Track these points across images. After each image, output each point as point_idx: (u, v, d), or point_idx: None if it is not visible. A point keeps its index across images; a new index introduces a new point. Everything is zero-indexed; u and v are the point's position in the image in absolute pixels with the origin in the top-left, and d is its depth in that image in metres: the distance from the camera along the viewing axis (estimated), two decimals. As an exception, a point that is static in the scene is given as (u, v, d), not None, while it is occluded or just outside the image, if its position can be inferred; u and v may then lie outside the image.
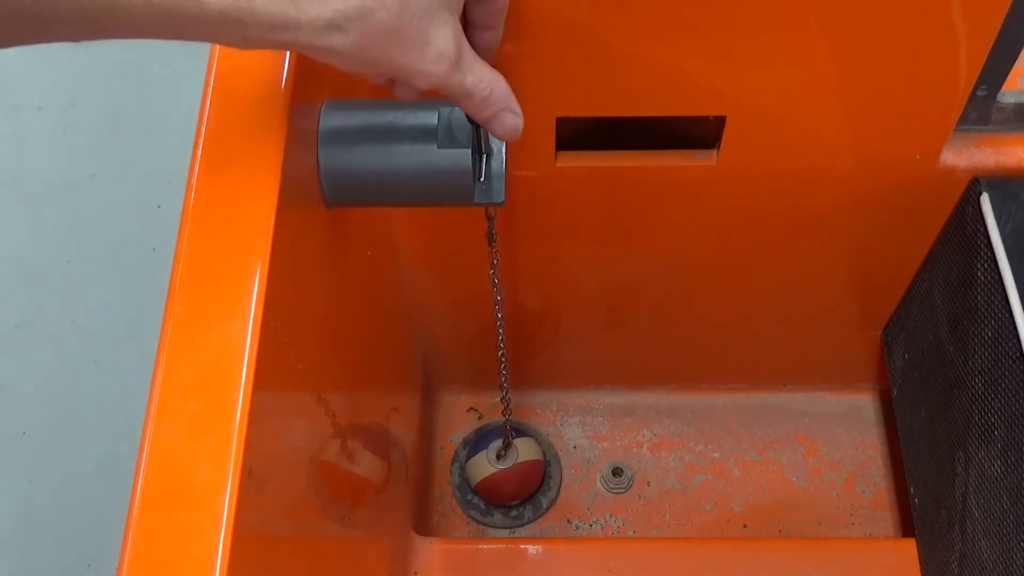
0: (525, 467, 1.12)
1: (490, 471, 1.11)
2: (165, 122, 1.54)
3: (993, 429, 0.83)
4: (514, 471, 1.11)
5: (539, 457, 1.14)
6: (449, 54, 0.48)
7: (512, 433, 1.10)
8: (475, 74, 0.50)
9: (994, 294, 0.82)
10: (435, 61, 0.48)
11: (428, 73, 0.48)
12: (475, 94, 0.51)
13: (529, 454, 1.13)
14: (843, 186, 0.87)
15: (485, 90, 0.51)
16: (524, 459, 1.12)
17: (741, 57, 0.74)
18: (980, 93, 0.79)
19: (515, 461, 1.11)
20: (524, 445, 1.13)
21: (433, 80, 0.49)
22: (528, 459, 1.12)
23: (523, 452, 1.12)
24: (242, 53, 0.48)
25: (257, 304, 0.51)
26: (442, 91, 0.50)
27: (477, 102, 0.52)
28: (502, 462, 1.11)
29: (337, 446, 0.72)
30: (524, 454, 1.12)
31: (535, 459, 1.13)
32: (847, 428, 1.21)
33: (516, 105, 0.54)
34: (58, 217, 1.48)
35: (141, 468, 0.47)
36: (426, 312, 1.09)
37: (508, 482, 1.12)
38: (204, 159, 0.55)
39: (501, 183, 0.62)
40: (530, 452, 1.13)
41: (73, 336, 1.39)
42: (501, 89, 0.52)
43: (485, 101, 0.52)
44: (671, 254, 0.99)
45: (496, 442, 1.11)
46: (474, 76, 0.50)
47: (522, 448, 1.12)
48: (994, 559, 0.82)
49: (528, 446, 1.13)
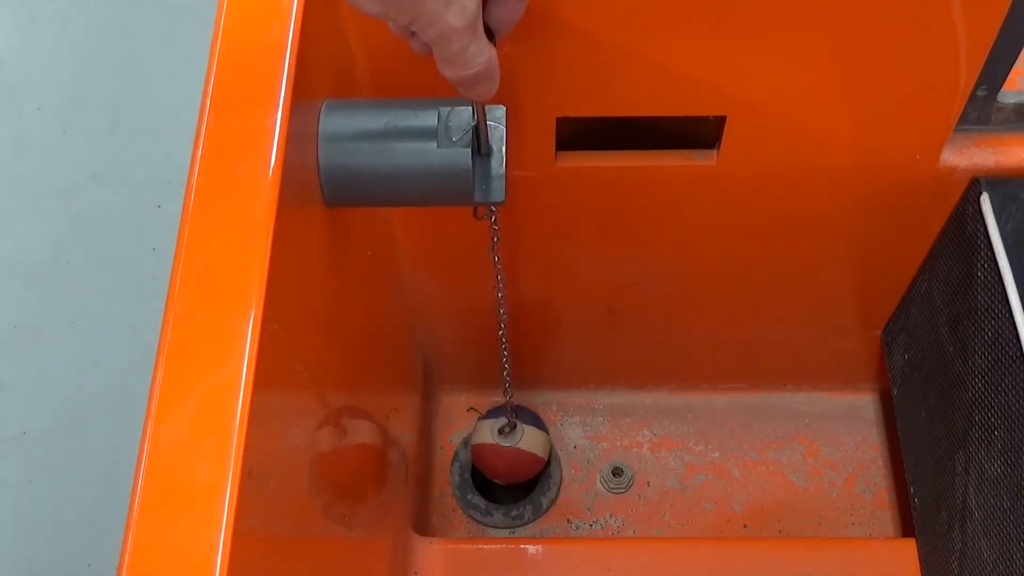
0: (521, 455, 1.11)
1: (488, 441, 1.10)
2: (165, 122, 1.54)
3: (993, 429, 0.83)
4: (509, 453, 1.10)
5: (541, 454, 1.13)
6: (470, 12, 0.49)
7: (516, 417, 1.09)
8: (478, 45, 0.52)
9: (994, 294, 0.82)
10: (457, 15, 0.49)
11: (448, 24, 0.49)
12: (471, 60, 0.52)
13: (533, 446, 1.12)
14: (843, 186, 0.87)
15: (478, 62, 0.52)
16: (525, 447, 1.11)
17: (741, 57, 0.74)
18: (980, 93, 0.79)
19: (515, 444, 1.10)
20: (532, 435, 1.11)
21: (446, 33, 0.50)
22: (528, 450, 1.12)
23: (527, 440, 1.11)
24: (242, 53, 0.48)
25: (257, 304, 0.51)
26: (443, 48, 0.51)
27: (467, 67, 0.52)
28: (503, 438, 1.10)
29: (337, 446, 0.72)
30: (527, 442, 1.11)
31: (535, 453, 1.13)
32: (847, 428, 1.21)
33: (497, 75, 0.55)
34: (58, 217, 1.48)
35: (141, 468, 0.47)
36: (426, 312, 1.09)
37: (500, 459, 1.11)
38: (204, 159, 0.55)
39: (501, 183, 0.62)
40: (535, 445, 1.12)
41: (73, 336, 1.39)
42: (494, 64, 0.54)
43: (477, 70, 0.53)
44: (671, 254, 0.99)
45: (503, 418, 1.11)
46: (477, 46, 0.51)
47: (528, 436, 1.11)
48: (994, 559, 0.82)
49: (535, 438, 1.12)
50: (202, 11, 1.05)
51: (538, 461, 1.14)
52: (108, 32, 1.65)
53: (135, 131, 1.56)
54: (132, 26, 1.65)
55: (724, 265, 1.00)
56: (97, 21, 1.66)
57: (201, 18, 1.39)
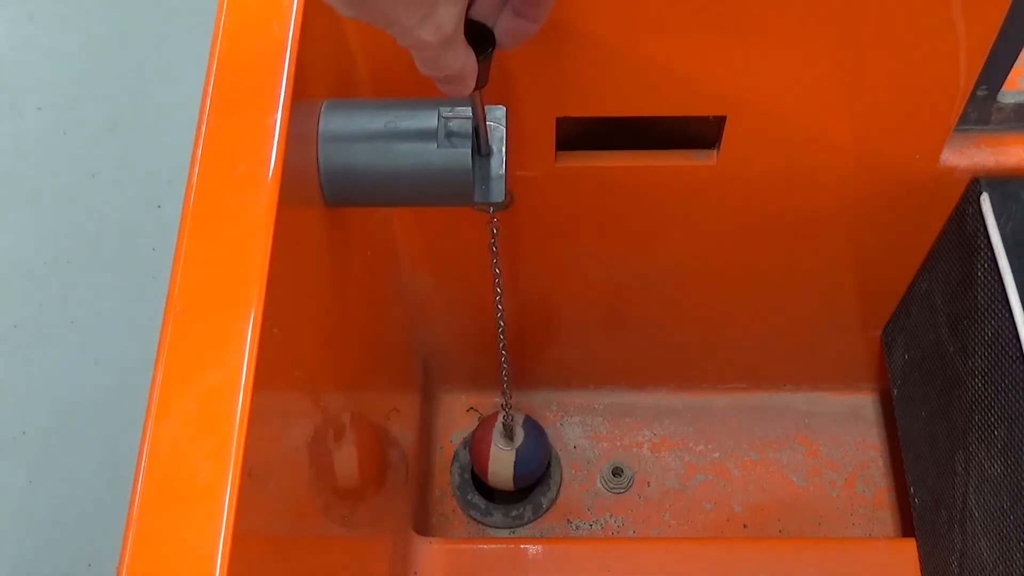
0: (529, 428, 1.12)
1: (512, 456, 1.10)
2: (165, 122, 1.54)
3: (993, 429, 0.83)
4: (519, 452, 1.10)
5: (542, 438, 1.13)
6: (445, 31, 0.48)
7: (512, 418, 1.09)
8: (455, 52, 0.51)
9: (994, 294, 0.82)
10: (431, 32, 0.48)
11: (419, 39, 0.48)
12: (443, 67, 0.51)
13: (520, 417, 1.12)
14: (843, 186, 0.87)
15: (452, 68, 0.52)
16: (528, 437, 1.11)
17: (741, 57, 0.74)
18: (980, 93, 0.79)
19: (520, 441, 1.10)
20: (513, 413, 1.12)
21: (419, 45, 0.49)
22: (523, 421, 1.11)
23: (517, 419, 1.11)
24: (242, 53, 0.48)
25: (257, 304, 0.51)
26: (416, 53, 0.51)
27: (438, 74, 0.52)
28: (515, 440, 1.09)
29: (337, 446, 0.72)
30: (527, 433, 1.11)
31: (524, 416, 1.12)
32: (847, 428, 1.20)
33: (472, 80, 0.54)
34: (58, 217, 1.48)
35: (141, 468, 0.47)
36: (426, 312, 1.09)
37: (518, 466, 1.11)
38: (204, 159, 0.55)
39: (501, 183, 0.62)
40: (518, 415, 1.12)
41: (73, 336, 1.39)
42: (468, 75, 0.53)
43: (448, 74, 0.52)
44: (671, 254, 0.99)
45: (498, 424, 1.10)
46: (453, 54, 0.51)
47: (514, 416, 1.11)
48: (994, 559, 0.82)
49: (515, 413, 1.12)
50: (202, 11, 1.05)
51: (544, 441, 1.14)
52: (108, 32, 1.65)
53: (135, 131, 1.56)
54: (132, 26, 1.65)
55: (724, 265, 1.00)
56: (97, 21, 1.66)
57: (201, 18, 1.39)
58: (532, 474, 1.13)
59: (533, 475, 1.13)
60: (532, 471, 1.12)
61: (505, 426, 1.09)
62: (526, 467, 1.11)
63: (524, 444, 1.09)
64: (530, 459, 1.11)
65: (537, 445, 1.12)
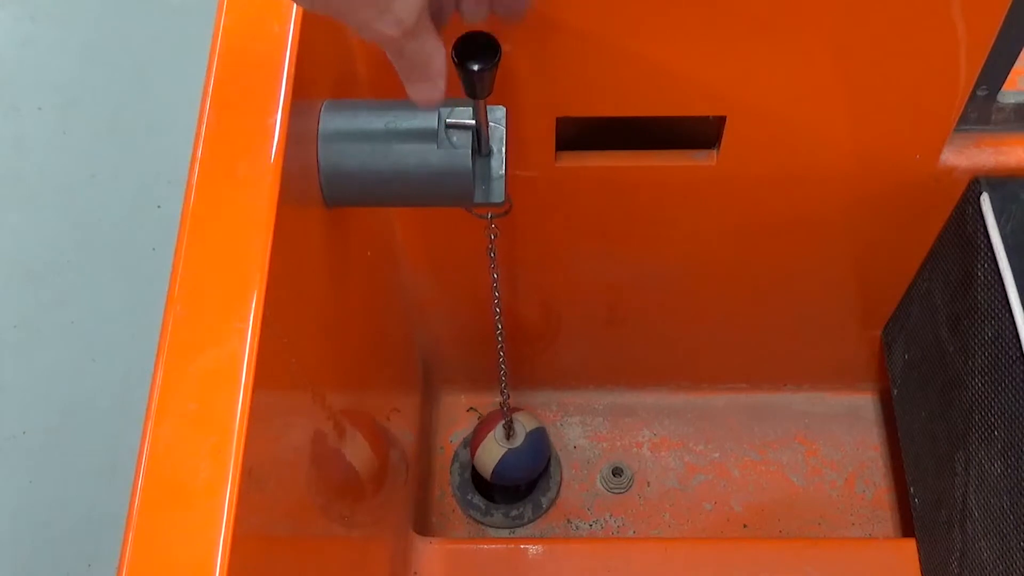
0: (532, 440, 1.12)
1: (501, 452, 1.10)
2: (165, 122, 1.54)
3: (993, 429, 0.83)
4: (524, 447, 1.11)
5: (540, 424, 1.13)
6: (406, 23, 0.49)
7: (511, 413, 1.09)
8: (420, 42, 0.51)
9: (994, 294, 0.82)
10: (390, 25, 0.48)
11: (380, 33, 0.49)
12: (410, 59, 0.51)
13: (532, 424, 1.12)
14: (843, 186, 0.87)
15: (419, 57, 0.51)
16: (530, 432, 1.11)
17: (741, 57, 0.74)
18: (980, 93, 0.79)
19: (523, 437, 1.10)
20: (525, 419, 1.12)
21: (381, 40, 0.49)
22: (532, 430, 1.12)
23: (527, 426, 1.11)
24: (242, 53, 0.48)
25: (257, 304, 0.51)
26: (384, 47, 0.51)
27: (406, 63, 0.52)
28: (511, 440, 1.10)
29: (337, 446, 0.72)
30: (528, 428, 1.11)
31: (537, 427, 1.13)
32: (847, 428, 1.21)
33: (442, 81, 0.54)
34: (58, 217, 1.48)
35: (141, 468, 0.47)
36: (426, 312, 1.09)
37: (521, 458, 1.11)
38: (204, 159, 0.55)
39: (501, 183, 0.62)
40: (532, 422, 1.12)
41: (73, 336, 1.39)
42: (436, 63, 0.53)
43: (413, 67, 0.52)
44: (671, 254, 0.99)
45: (498, 426, 1.11)
46: (418, 43, 0.51)
47: (525, 422, 1.11)
48: (994, 559, 0.82)
49: (528, 419, 1.13)
50: (202, 11, 1.05)
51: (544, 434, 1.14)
52: (108, 32, 1.65)
53: (135, 131, 1.56)
54: (132, 26, 1.65)
55: (724, 265, 1.00)
56: (97, 21, 1.66)
57: (201, 18, 1.40)
58: (511, 479, 1.13)
59: (512, 480, 1.14)
60: (513, 477, 1.13)
61: (506, 426, 1.09)
62: (507, 470, 1.11)
63: (517, 449, 1.10)
64: (516, 465, 1.11)
65: (529, 457, 1.12)
